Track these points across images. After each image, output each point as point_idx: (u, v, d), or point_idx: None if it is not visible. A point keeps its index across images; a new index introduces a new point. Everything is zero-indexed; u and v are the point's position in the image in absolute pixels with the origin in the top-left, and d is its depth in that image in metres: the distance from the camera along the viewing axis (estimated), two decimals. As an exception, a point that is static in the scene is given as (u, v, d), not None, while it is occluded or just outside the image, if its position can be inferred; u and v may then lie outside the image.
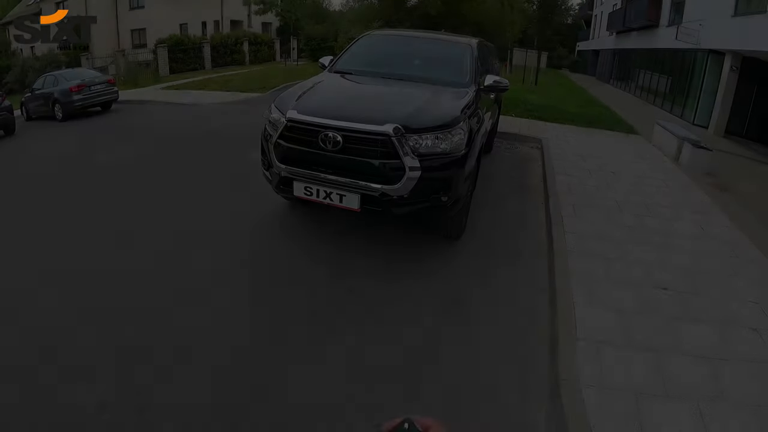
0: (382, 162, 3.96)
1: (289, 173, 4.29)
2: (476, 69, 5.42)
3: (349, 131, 3.96)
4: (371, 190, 4.02)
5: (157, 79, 23.60)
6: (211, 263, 4.44)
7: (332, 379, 3.12)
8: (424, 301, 3.98)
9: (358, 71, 5.61)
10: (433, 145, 4.03)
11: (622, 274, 4.45)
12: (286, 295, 3.97)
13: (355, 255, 4.63)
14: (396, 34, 6.65)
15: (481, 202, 6.08)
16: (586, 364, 3.22)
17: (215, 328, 3.51)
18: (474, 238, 5.11)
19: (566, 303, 3.89)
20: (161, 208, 5.81)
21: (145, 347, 3.28)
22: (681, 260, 4.83)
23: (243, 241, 4.90)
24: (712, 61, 15.45)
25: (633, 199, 6.52)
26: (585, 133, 11.13)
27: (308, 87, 4.86)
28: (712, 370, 3.26)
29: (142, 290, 4.00)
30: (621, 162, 8.56)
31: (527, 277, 4.49)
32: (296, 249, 4.71)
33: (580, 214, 5.78)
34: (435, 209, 4.16)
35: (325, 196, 4.15)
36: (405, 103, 4.33)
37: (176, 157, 8.20)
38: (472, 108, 4.67)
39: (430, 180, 4.01)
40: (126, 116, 13.55)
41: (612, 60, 32.00)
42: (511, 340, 3.58)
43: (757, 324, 3.85)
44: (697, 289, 4.30)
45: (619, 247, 4.99)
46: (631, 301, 4.01)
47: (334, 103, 4.53)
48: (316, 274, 4.29)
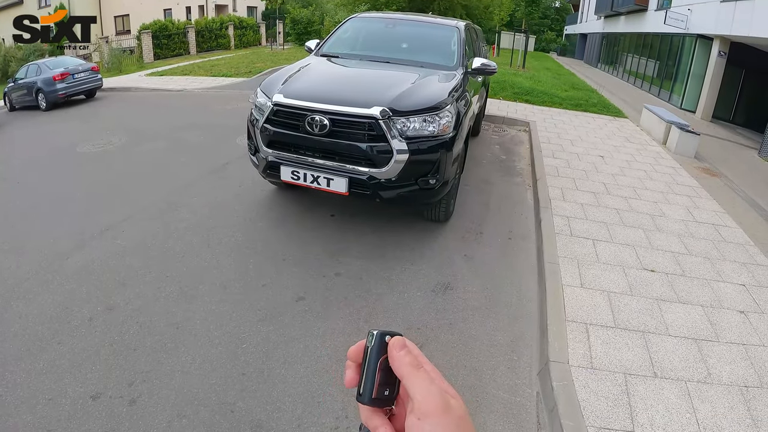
0: (369, 145, 3.92)
1: (276, 158, 4.24)
2: (463, 52, 5.36)
3: (335, 114, 3.92)
4: (359, 174, 3.99)
5: (141, 65, 23.16)
6: (202, 249, 4.38)
7: (318, 360, 3.10)
8: (414, 284, 3.96)
9: (345, 54, 5.54)
10: (421, 128, 3.99)
11: (611, 256, 4.47)
12: (275, 281, 3.92)
13: (343, 239, 4.58)
14: (383, 17, 6.56)
15: (469, 185, 6.09)
16: (576, 345, 3.22)
17: (205, 313, 3.50)
18: (462, 222, 5.10)
19: (555, 285, 3.89)
20: (147, 193, 5.68)
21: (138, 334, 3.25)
22: (669, 243, 4.86)
23: (231, 227, 4.81)
24: (700, 45, 15.50)
25: (621, 182, 6.54)
26: (573, 116, 11.13)
27: (294, 71, 4.78)
28: (699, 352, 3.29)
29: (135, 274, 3.96)
30: (609, 145, 8.58)
31: (516, 259, 4.49)
32: (284, 236, 4.64)
33: (568, 197, 5.79)
34: (423, 192, 4.13)
35: (312, 180, 4.11)
36: (392, 86, 4.27)
37: (162, 144, 8.04)
38: (459, 91, 4.63)
39: (417, 163, 3.98)
40: (110, 104, 13.28)
41: (600, 44, 32.02)
42: (500, 323, 3.58)
43: (744, 306, 3.90)
44: (685, 272, 4.33)
45: (607, 229, 5.01)
46: (620, 283, 4.03)
47: (321, 87, 4.46)
48: (306, 259, 4.24)
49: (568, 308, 3.60)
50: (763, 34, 11.37)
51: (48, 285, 3.82)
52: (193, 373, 2.95)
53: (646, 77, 20.99)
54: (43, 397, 2.74)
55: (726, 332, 3.54)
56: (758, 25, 11.62)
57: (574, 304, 3.66)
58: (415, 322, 3.53)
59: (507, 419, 2.78)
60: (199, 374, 2.94)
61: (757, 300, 4.02)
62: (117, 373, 2.92)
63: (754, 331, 3.59)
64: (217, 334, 3.27)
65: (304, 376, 2.97)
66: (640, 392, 2.88)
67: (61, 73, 13.42)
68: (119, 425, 2.58)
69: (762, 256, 4.86)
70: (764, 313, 3.85)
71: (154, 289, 3.76)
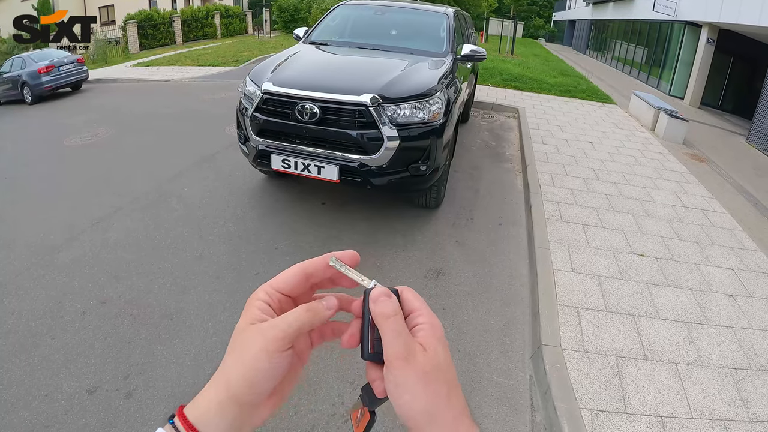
0: (360, 132, 3.91)
1: (267, 146, 4.22)
2: (453, 38, 5.35)
3: (326, 102, 3.90)
4: (350, 161, 3.99)
5: (127, 56, 22.82)
6: (193, 240, 4.36)
7: (315, 351, 3.09)
8: (406, 271, 3.98)
9: (334, 42, 5.50)
10: (411, 115, 3.98)
11: (601, 241, 4.51)
12: (268, 270, 3.91)
13: (334, 227, 4.58)
14: (371, 3, 6.51)
15: (459, 171, 6.10)
16: (568, 329, 3.25)
17: (199, 303, 3.50)
18: (453, 208, 5.12)
19: (546, 269, 3.92)
20: (137, 185, 5.63)
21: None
22: (658, 228, 4.91)
23: (222, 217, 4.78)
24: (688, 32, 15.53)
25: (610, 167, 6.58)
26: (562, 102, 11.17)
27: (283, 59, 4.73)
28: (689, 335, 3.34)
29: (127, 266, 3.94)
30: (598, 131, 8.62)
31: (507, 245, 4.52)
32: (276, 225, 4.63)
33: (557, 182, 5.82)
34: (414, 179, 4.13)
35: (303, 168, 4.10)
36: (382, 73, 4.26)
37: (150, 135, 7.94)
38: (449, 77, 4.62)
39: (408, 149, 3.98)
40: (97, 96, 13.04)
41: (588, 30, 32.08)
42: (493, 307, 3.61)
43: (732, 290, 3.96)
44: (674, 256, 4.38)
45: (597, 214, 5.05)
46: (610, 267, 4.07)
47: (310, 75, 4.42)
48: (298, 247, 4.24)
49: (559, 292, 3.64)
50: (752, 22, 11.41)
51: (40, 280, 3.78)
52: (189, 364, 2.95)
53: (635, 64, 21.05)
54: (39, 393, 2.72)
55: (715, 315, 3.59)
56: (746, 12, 11.65)
57: (566, 289, 3.69)
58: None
59: (501, 402, 2.80)
60: (195, 365, 2.94)
61: (745, 284, 4.08)
62: (112, 367, 2.91)
63: (742, 314, 3.65)
64: (212, 324, 3.27)
65: None
66: (631, 375, 2.91)
67: (47, 66, 13.20)
68: (116, 419, 2.57)
69: (750, 240, 4.92)
70: (752, 296, 3.91)
71: (147, 281, 3.73)
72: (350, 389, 2.81)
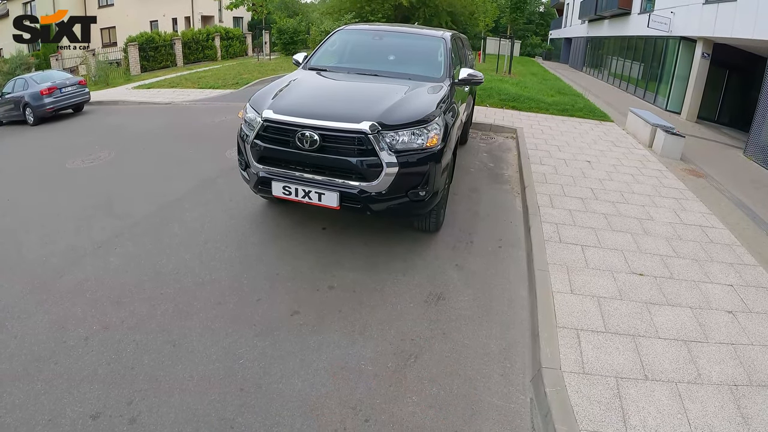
0: (359, 159, 3.96)
1: (267, 173, 4.26)
2: (450, 63, 5.43)
3: (326, 130, 3.96)
4: (350, 188, 4.03)
5: (128, 78, 23.06)
6: (195, 265, 4.39)
7: (315, 374, 3.13)
8: (406, 295, 4.00)
9: (333, 68, 5.57)
10: (410, 141, 4.04)
11: (600, 261, 4.54)
12: (269, 296, 3.95)
13: (335, 252, 4.61)
14: (369, 28, 6.61)
15: (458, 193, 6.15)
16: (568, 351, 3.28)
17: (201, 329, 3.52)
18: (453, 231, 5.15)
19: (545, 291, 3.95)
20: (138, 209, 5.64)
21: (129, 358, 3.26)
22: (657, 246, 4.95)
23: (223, 242, 4.81)
24: (683, 47, 15.73)
25: (608, 187, 6.63)
26: (559, 121, 11.26)
27: (284, 85, 4.80)
28: (689, 353, 3.36)
29: (129, 292, 3.96)
30: (596, 150, 8.69)
31: (507, 267, 4.55)
32: (277, 251, 4.65)
33: (556, 203, 5.86)
34: (413, 204, 4.18)
35: (303, 195, 4.14)
36: (381, 100, 4.32)
37: (151, 158, 8.03)
38: (447, 102, 4.68)
39: (407, 175, 4.02)
40: (98, 118, 13.19)
41: (584, 48, 32.34)
42: (493, 331, 3.63)
43: (732, 306, 3.98)
44: (673, 274, 4.41)
45: (595, 234, 5.08)
46: (609, 288, 4.10)
47: (310, 102, 4.48)
48: (299, 273, 4.26)
49: (558, 314, 3.66)
50: (746, 35, 11.56)
51: (42, 304, 3.81)
52: (192, 390, 2.97)
53: (632, 80, 21.23)
54: (43, 418, 2.74)
55: (715, 333, 3.61)
56: (740, 25, 11.82)
57: (565, 310, 3.72)
58: (408, 333, 3.56)
59: (502, 426, 2.82)
60: (198, 391, 2.95)
61: (744, 300, 4.10)
62: (115, 392, 2.92)
63: (742, 331, 3.67)
64: (214, 350, 3.29)
65: (302, 389, 2.99)
66: (631, 395, 2.93)
67: (49, 88, 13.36)
68: (120, 445, 2.58)
69: (749, 255, 4.95)
70: (752, 312, 3.93)
71: (149, 306, 3.75)
72: (352, 417, 2.83)
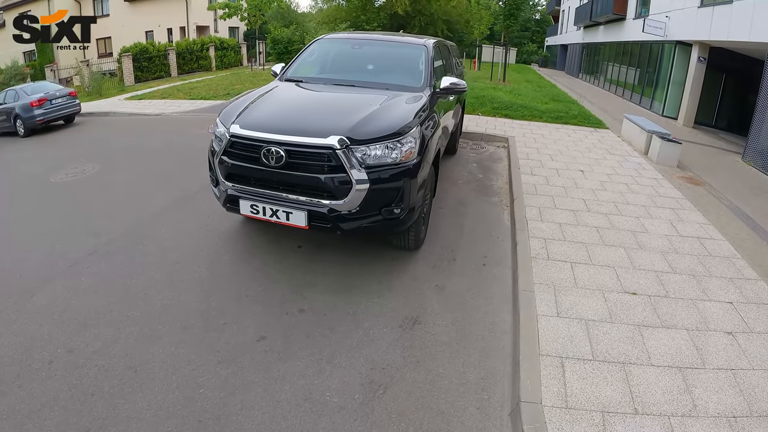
0: (328, 176, 3.75)
1: (236, 191, 4.09)
2: (431, 71, 5.18)
3: (291, 146, 3.76)
4: (318, 206, 3.82)
5: (122, 89, 22.93)
6: (164, 286, 4.22)
7: (277, 406, 2.92)
8: (381, 320, 3.75)
9: (310, 79, 5.37)
10: (383, 155, 3.81)
11: (590, 279, 4.27)
12: (236, 320, 3.74)
13: (309, 272, 4.39)
14: (348, 37, 6.42)
15: (444, 207, 5.91)
16: (550, 382, 3.01)
17: (164, 355, 3.35)
18: (435, 248, 4.90)
19: (529, 316, 3.68)
20: (116, 225, 5.54)
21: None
22: (652, 261, 4.68)
23: (196, 261, 4.63)
24: (679, 52, 15.57)
25: (601, 197, 6.37)
26: (553, 129, 11.01)
27: (254, 98, 4.62)
28: (684, 382, 3.09)
29: (97, 313, 3.83)
30: (589, 159, 8.43)
31: (490, 287, 4.28)
32: (249, 271, 4.46)
33: (545, 216, 5.59)
34: (388, 222, 3.94)
35: (271, 213, 3.95)
36: (352, 113, 4.10)
37: (135, 172, 7.90)
38: (425, 113, 4.45)
39: (380, 192, 3.79)
40: (88, 130, 13.15)
41: (580, 54, 32.34)
42: (471, 358, 3.37)
43: (731, 327, 3.71)
44: (668, 292, 4.14)
45: (586, 250, 4.81)
46: (599, 309, 3.82)
47: (278, 116, 4.27)
48: (270, 295, 4.06)
49: (542, 341, 3.39)
50: (742, 38, 11.41)
51: (11, 325, 3.69)
52: (149, 419, 2.81)
53: (628, 85, 21.10)
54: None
55: (713, 357, 3.34)
56: (736, 29, 11.67)
57: (549, 336, 3.44)
58: (379, 360, 3.31)
59: (476, 469, 2.56)
60: (155, 421, 2.80)
61: (745, 318, 3.82)
62: (74, 420, 2.80)
63: (742, 354, 3.40)
64: (175, 378, 3.12)
65: (262, 423, 2.80)
66: (619, 432, 2.67)
67: (39, 99, 13.38)
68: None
69: (749, 269, 4.68)
70: (753, 332, 3.66)
71: (115, 330, 3.60)
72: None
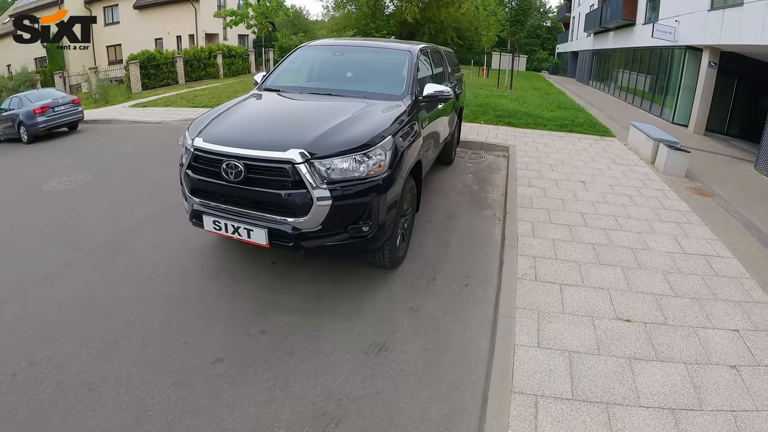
0: (288, 192, 3.49)
1: (201, 206, 3.90)
2: (413, 78, 4.86)
3: (250, 159, 3.53)
4: (280, 224, 3.57)
5: (128, 96, 22.97)
6: (131, 302, 4.06)
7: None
8: (345, 345, 3.47)
9: (287, 88, 5.12)
10: (350, 169, 3.53)
11: (579, 304, 3.90)
12: (197, 339, 3.56)
13: (277, 290, 4.15)
14: (331, 44, 6.16)
15: (432, 221, 5.61)
16: (519, 425, 2.67)
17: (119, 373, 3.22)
18: (415, 266, 4.58)
19: (506, 345, 3.33)
20: (96, 235, 5.46)
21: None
22: (651, 283, 4.29)
23: (166, 276, 4.46)
24: (689, 57, 15.17)
25: (602, 211, 5.99)
26: (557, 138, 10.61)
27: (224, 109, 4.43)
28: (676, 426, 2.73)
29: (63, 327, 3.72)
30: (592, 169, 8.05)
31: (470, 311, 3.93)
32: (218, 287, 4.26)
33: (539, 232, 5.23)
34: (356, 241, 3.65)
35: (233, 230, 3.73)
36: (318, 124, 3.83)
37: (125, 181, 7.80)
38: (402, 123, 4.16)
39: (344, 209, 3.52)
40: (89, 137, 13.15)
41: (591, 61, 32.01)
42: (437, 392, 3.06)
43: (736, 359, 3.32)
44: (667, 319, 3.75)
45: (579, 270, 4.45)
46: (586, 339, 3.46)
47: (242, 128, 4.06)
48: (234, 314, 3.85)
49: (516, 375, 3.04)
50: (753, 41, 11.00)
51: None
52: None
53: (638, 92, 20.67)
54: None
55: (712, 396, 2.97)
56: (747, 32, 11.27)
57: (525, 370, 3.09)
58: (336, 390, 3.03)
59: None
60: None
61: (752, 349, 3.43)
62: None
63: (746, 392, 3.01)
64: (127, 398, 2.99)
65: None
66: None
67: (41, 107, 13.60)
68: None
69: (759, 290, 4.25)
70: (760, 365, 3.27)
71: (77, 344, 3.49)
72: None
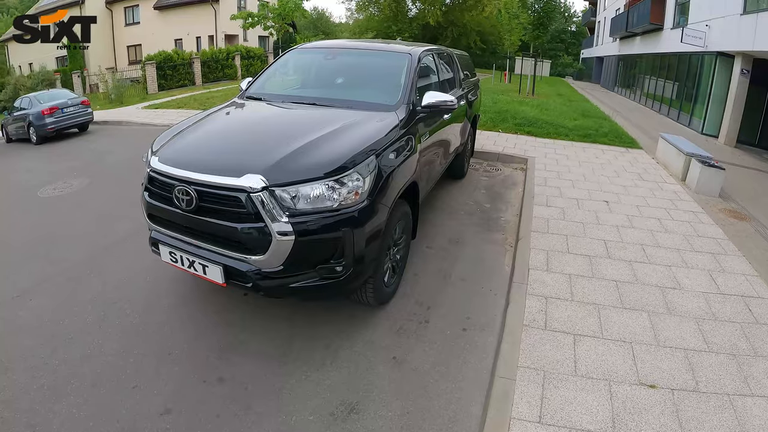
0: (244, 226, 2.95)
1: (157, 233, 3.44)
2: (412, 85, 4.24)
3: (201, 185, 3.01)
4: (236, 261, 3.05)
5: (144, 96, 22.87)
6: (92, 331, 3.73)
7: None
8: (311, 402, 2.95)
9: (270, 96, 4.57)
10: (320, 198, 2.97)
11: (595, 362, 3.26)
12: (149, 383, 3.17)
13: (246, 328, 3.67)
14: (324, 46, 5.64)
15: (432, 247, 5.01)
16: None
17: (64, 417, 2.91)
18: (407, 303, 3.99)
19: (499, 419, 2.72)
20: (75, 250, 5.20)
21: None
22: (683, 333, 3.61)
23: (133, 303, 4.10)
24: (720, 64, 14.47)
25: (627, 237, 5.31)
26: (580, 149, 9.90)
27: (190, 123, 3.93)
28: None
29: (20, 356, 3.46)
30: (617, 186, 7.34)
31: (464, 365, 3.32)
32: (182, 320, 3.83)
33: (553, 264, 4.58)
34: (327, 283, 3.08)
35: (189, 264, 3.23)
36: (288, 142, 3.25)
37: (118, 190, 7.44)
38: (392, 139, 3.58)
39: (311, 245, 2.95)
40: (96, 140, 12.98)
41: (616, 66, 31.36)
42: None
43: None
44: (698, 384, 3.09)
45: (598, 315, 3.79)
46: (600, 414, 2.82)
47: (202, 147, 3.53)
48: (193, 354, 3.43)
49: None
50: (789, 48, 10.30)
51: None
52: None
53: (665, 100, 19.87)
54: None
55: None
56: (783, 38, 10.57)
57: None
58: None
59: None
60: None
61: (801, 421, 2.78)
62: None
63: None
64: None
65: None
66: None
67: (50, 108, 13.59)
68: None
69: (807, 342, 3.57)
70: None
71: (29, 378, 3.22)
72: None
